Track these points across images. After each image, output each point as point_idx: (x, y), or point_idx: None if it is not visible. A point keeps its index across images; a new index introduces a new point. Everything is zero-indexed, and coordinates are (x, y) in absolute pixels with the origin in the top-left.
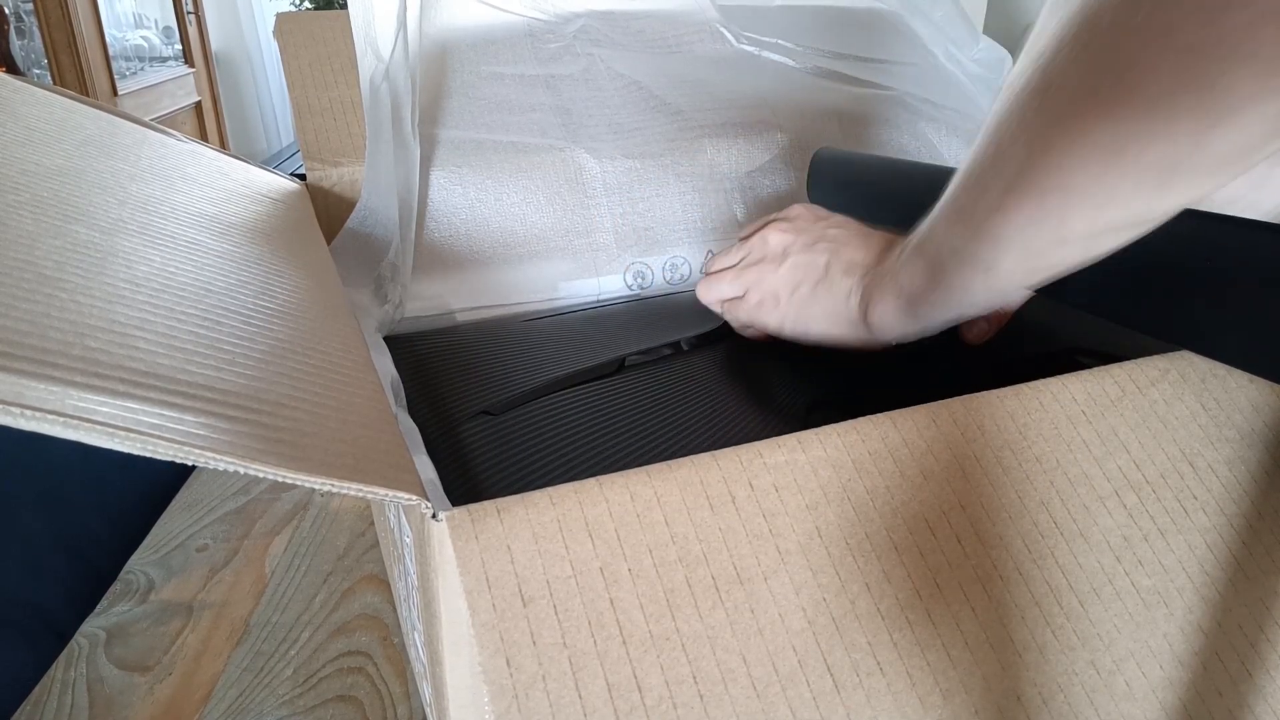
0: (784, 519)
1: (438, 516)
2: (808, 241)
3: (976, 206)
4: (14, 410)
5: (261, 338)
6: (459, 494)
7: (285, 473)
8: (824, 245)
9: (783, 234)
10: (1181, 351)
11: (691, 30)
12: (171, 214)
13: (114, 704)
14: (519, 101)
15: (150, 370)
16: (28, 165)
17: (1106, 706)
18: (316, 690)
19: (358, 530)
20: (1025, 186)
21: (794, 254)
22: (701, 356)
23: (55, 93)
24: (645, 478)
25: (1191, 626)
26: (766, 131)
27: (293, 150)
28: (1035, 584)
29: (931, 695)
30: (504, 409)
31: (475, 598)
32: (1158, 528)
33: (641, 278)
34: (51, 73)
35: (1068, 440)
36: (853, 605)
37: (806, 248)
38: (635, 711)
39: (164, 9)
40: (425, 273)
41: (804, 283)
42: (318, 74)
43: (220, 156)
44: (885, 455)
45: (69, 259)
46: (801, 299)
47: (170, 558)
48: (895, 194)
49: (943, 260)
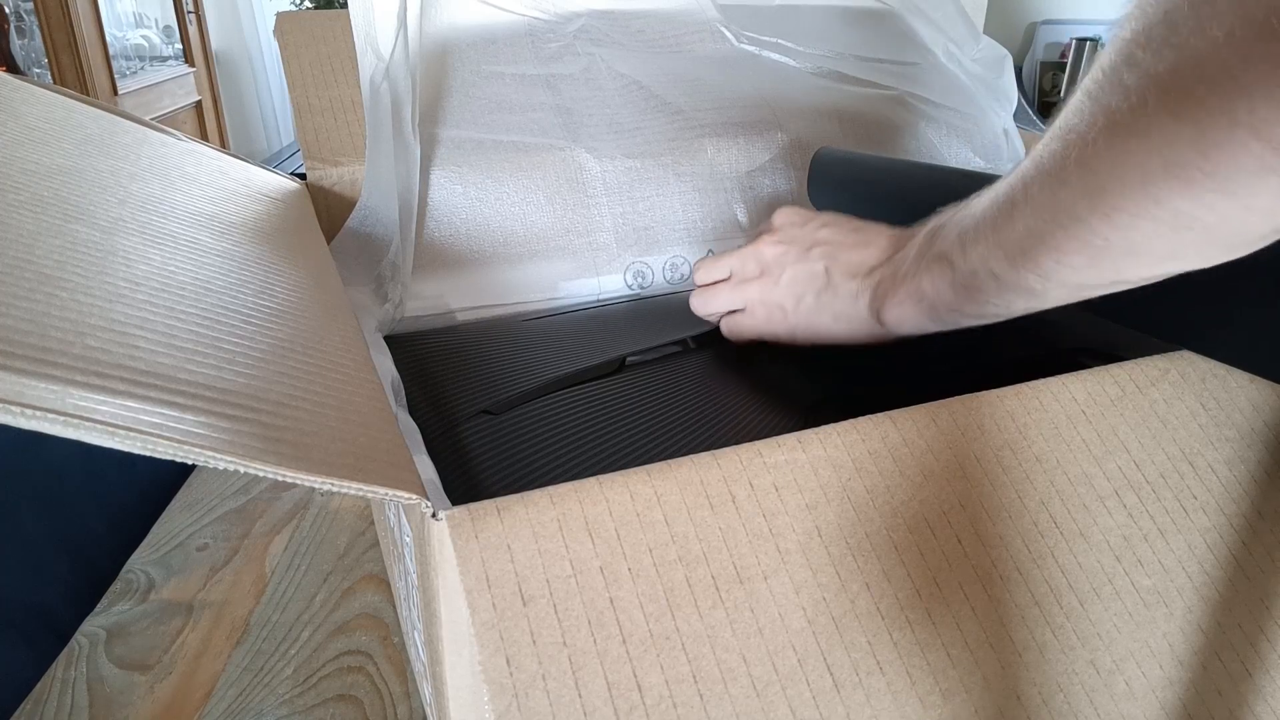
0: (784, 518)
1: (438, 516)
2: (801, 251)
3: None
4: (14, 409)
5: (262, 337)
6: (459, 493)
7: (286, 472)
8: (818, 251)
9: (774, 246)
10: (1181, 351)
11: (692, 30)
12: (171, 213)
13: (114, 703)
14: (519, 101)
15: (150, 369)
16: (28, 164)
17: (1106, 706)
18: (316, 690)
19: (358, 530)
20: (1085, 239)
21: (790, 265)
22: (701, 356)
23: (55, 92)
24: (645, 477)
25: (1191, 626)
26: (766, 131)
27: (293, 150)
28: (1035, 584)
29: (931, 695)
30: (504, 408)
31: (475, 597)
32: (1158, 528)
33: (641, 277)
34: (52, 72)
35: (1068, 440)
36: (853, 605)
37: (801, 257)
38: (635, 711)
39: (164, 8)
40: (425, 272)
41: (806, 293)
42: (318, 74)
43: (220, 156)
44: (885, 455)
45: (69, 258)
46: (808, 309)
47: (170, 557)
48: (895, 194)
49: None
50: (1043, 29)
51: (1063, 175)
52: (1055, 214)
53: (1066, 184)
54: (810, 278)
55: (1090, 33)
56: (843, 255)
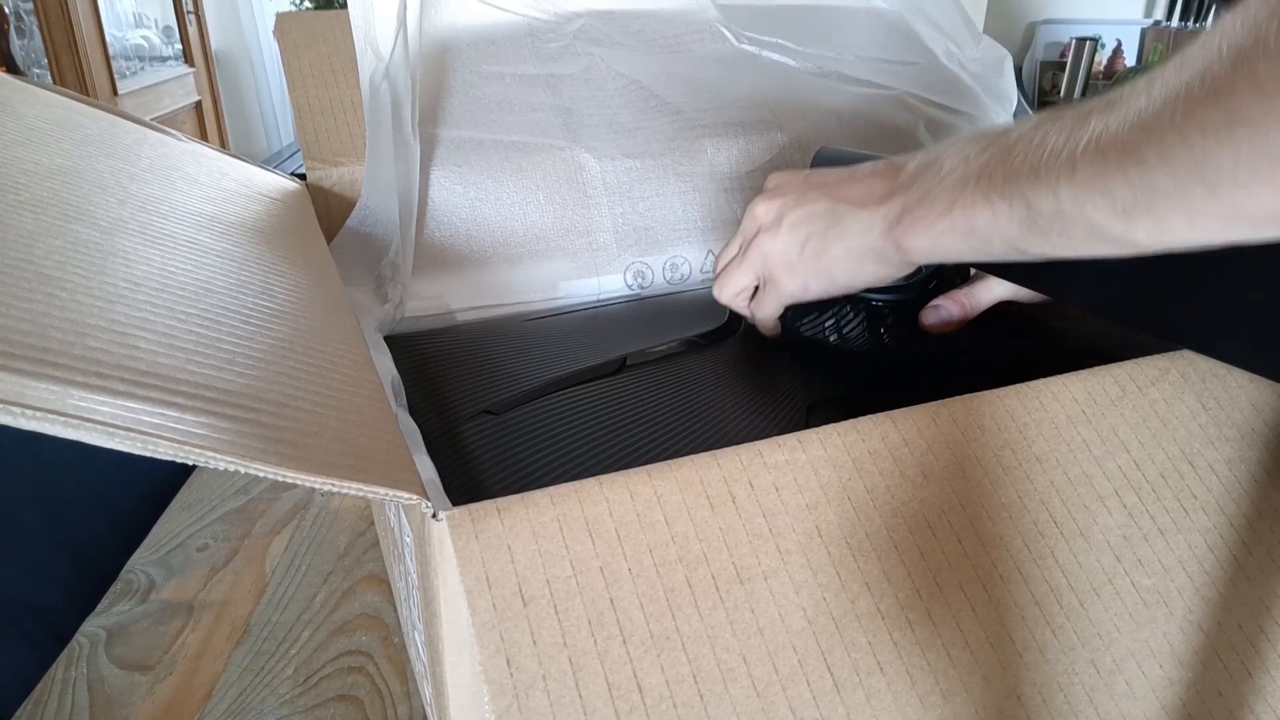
0: (784, 518)
1: (438, 516)
2: (796, 197)
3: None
4: (14, 409)
5: (262, 337)
6: (459, 494)
7: (286, 472)
8: (815, 193)
9: (767, 201)
10: (1181, 351)
11: (691, 30)
12: (171, 214)
13: (114, 703)
14: (519, 101)
15: (150, 370)
16: (28, 165)
17: (1106, 706)
18: (317, 690)
19: (358, 530)
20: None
21: (788, 212)
22: (702, 356)
23: (55, 92)
24: (645, 477)
25: (1191, 626)
26: (766, 131)
27: (293, 150)
28: (1035, 583)
29: (931, 695)
30: (504, 408)
31: (475, 597)
32: (1158, 527)
33: (641, 277)
34: (51, 72)
35: (1068, 440)
36: (853, 605)
37: (797, 202)
38: (635, 711)
39: (164, 8)
40: (425, 272)
41: (812, 235)
42: (318, 74)
43: (220, 156)
44: (885, 455)
45: (69, 258)
46: (815, 250)
47: (170, 557)
48: None
49: (1067, 226)
50: (1043, 29)
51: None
52: (1203, 175)
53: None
54: (812, 218)
55: (1090, 32)
56: (842, 190)
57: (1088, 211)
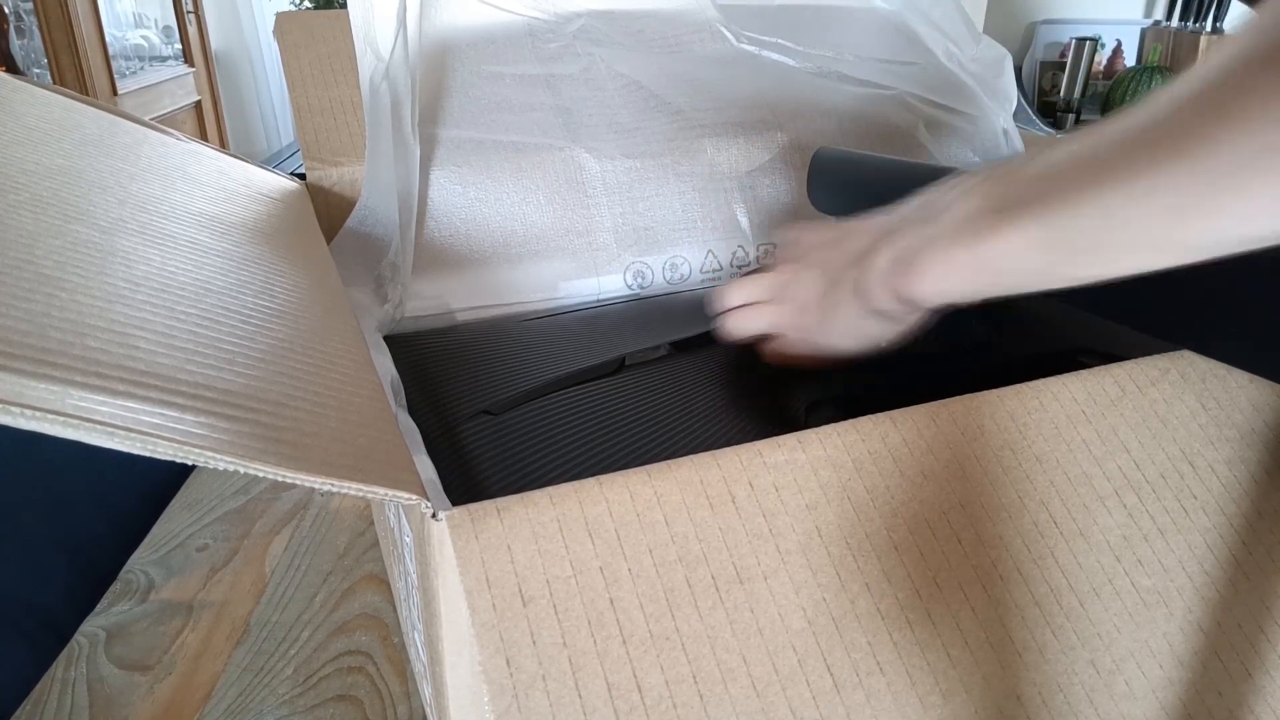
0: (784, 519)
1: (438, 516)
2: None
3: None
4: (14, 409)
5: (261, 337)
6: (459, 494)
7: (285, 472)
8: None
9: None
10: (1181, 351)
11: (691, 30)
12: (171, 214)
13: (114, 703)
14: (519, 101)
15: (150, 370)
16: (28, 165)
17: (1106, 706)
18: (316, 690)
19: (358, 530)
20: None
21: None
22: (701, 356)
23: (55, 92)
24: (645, 478)
25: (1191, 626)
26: (766, 131)
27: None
28: (1035, 584)
29: (931, 695)
30: (504, 408)
31: (475, 597)
32: (1158, 528)
33: (641, 277)
34: (51, 72)
35: (1068, 440)
36: (853, 605)
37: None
38: (635, 711)
39: (164, 8)
40: (425, 272)
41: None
42: (318, 74)
43: (220, 156)
44: (885, 455)
45: (69, 259)
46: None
47: (170, 557)
48: (895, 194)
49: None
50: (1043, 29)
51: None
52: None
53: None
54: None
55: (1090, 33)
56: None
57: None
